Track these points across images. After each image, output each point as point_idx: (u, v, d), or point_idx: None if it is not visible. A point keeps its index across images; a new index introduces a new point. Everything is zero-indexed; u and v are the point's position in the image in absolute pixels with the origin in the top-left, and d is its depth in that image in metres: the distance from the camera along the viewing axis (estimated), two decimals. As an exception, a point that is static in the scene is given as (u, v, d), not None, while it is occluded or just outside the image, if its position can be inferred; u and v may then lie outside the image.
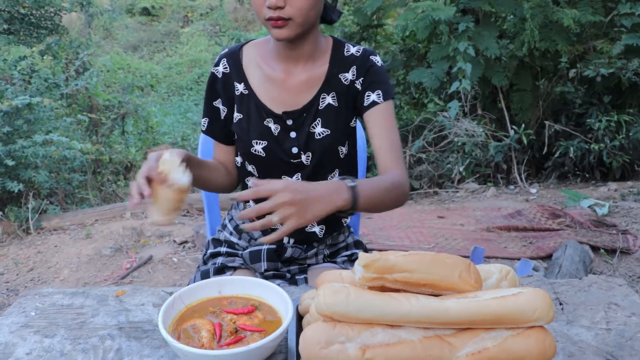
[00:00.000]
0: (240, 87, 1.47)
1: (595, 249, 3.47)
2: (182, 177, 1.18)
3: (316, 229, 1.57)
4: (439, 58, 4.98)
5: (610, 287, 1.29)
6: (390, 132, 1.45)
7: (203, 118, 1.56)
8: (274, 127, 1.46)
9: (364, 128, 1.52)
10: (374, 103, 1.45)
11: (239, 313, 1.07)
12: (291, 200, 1.12)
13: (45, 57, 5.31)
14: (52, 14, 6.33)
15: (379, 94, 1.46)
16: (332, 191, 1.18)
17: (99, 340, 1.11)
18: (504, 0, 4.92)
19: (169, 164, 1.18)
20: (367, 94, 1.46)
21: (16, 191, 3.99)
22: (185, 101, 10.25)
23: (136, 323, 1.17)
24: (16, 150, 4.04)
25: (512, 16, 4.96)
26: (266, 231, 1.60)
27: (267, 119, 1.45)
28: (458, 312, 0.87)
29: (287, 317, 1.00)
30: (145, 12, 14.68)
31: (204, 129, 1.56)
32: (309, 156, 1.47)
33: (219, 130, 1.54)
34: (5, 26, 5.83)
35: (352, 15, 6.14)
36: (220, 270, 1.58)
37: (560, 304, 1.22)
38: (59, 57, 5.93)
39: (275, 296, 1.10)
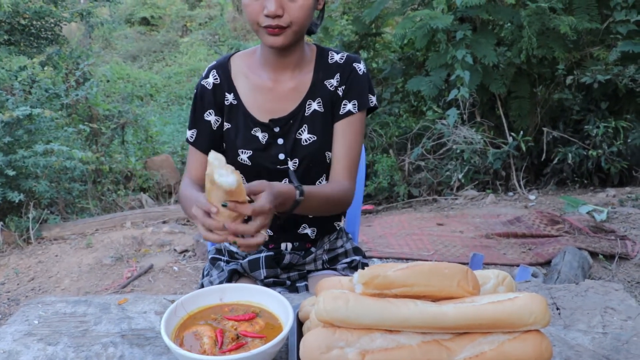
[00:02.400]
0: (230, 98, 1.50)
1: (594, 254, 3.47)
2: (227, 177, 1.06)
3: (308, 231, 1.59)
4: (437, 66, 5.02)
5: (606, 292, 1.30)
6: (353, 144, 1.50)
7: (190, 130, 1.54)
8: (262, 136, 1.48)
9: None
10: (348, 113, 1.49)
11: (240, 320, 1.09)
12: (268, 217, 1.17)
13: (46, 68, 5.34)
14: (53, 25, 6.36)
15: (354, 104, 1.49)
16: (283, 198, 1.24)
17: (102, 348, 1.12)
18: (501, 8, 4.95)
19: (213, 163, 1.08)
20: (344, 102, 1.49)
21: (17, 201, 4.01)
22: (185, 110, 10.27)
23: (139, 330, 1.19)
24: (17, 160, 4.06)
25: (509, 24, 5.00)
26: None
27: (255, 128, 1.48)
28: (455, 317, 0.89)
29: (287, 323, 1.02)
30: (145, 21, 14.75)
31: (191, 141, 1.54)
32: (295, 162, 1.49)
33: (208, 141, 1.52)
34: (6, 37, 5.86)
35: (351, 24, 6.18)
36: (230, 278, 1.60)
37: (558, 308, 1.24)
38: (59, 67, 5.96)
39: (275, 303, 1.11)
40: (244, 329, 1.05)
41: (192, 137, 1.53)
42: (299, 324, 1.08)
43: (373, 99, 1.53)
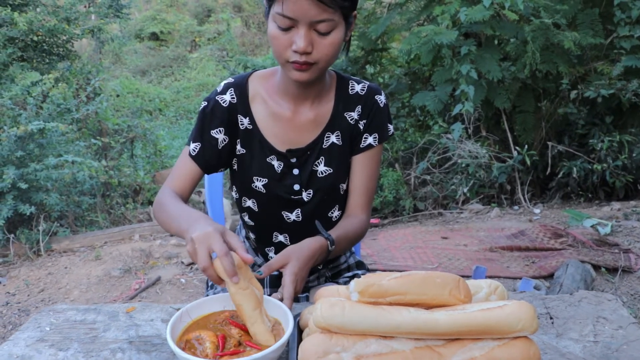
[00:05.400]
0: (245, 122, 1.45)
1: (597, 267, 3.49)
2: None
3: None
4: (442, 81, 5.06)
5: (599, 302, 1.34)
6: (372, 176, 1.53)
7: (194, 143, 1.43)
8: (277, 164, 1.46)
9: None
10: (369, 146, 1.50)
11: (245, 330, 1.12)
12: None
13: (60, 84, 5.43)
14: (65, 42, 6.48)
15: (375, 137, 1.50)
16: (317, 255, 1.35)
17: (111, 354, 1.17)
18: (505, 23, 5.00)
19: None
20: (365, 135, 1.50)
21: (28, 214, 4.08)
22: (193, 125, 10.38)
23: (146, 337, 1.23)
24: (29, 173, 4.13)
25: (513, 39, 5.05)
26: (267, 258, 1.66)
27: (270, 157, 1.45)
28: (447, 323, 0.93)
29: (287, 330, 1.06)
30: (154, 37, 14.94)
31: (193, 154, 1.43)
32: (310, 193, 1.49)
33: (209, 158, 1.44)
34: (20, 54, 5.98)
35: (357, 40, 6.25)
36: None
37: (551, 318, 1.27)
38: (70, 82, 6.07)
39: (277, 311, 1.15)
40: (248, 339, 1.09)
41: (194, 151, 1.43)
42: (299, 331, 1.12)
43: (391, 128, 1.53)
